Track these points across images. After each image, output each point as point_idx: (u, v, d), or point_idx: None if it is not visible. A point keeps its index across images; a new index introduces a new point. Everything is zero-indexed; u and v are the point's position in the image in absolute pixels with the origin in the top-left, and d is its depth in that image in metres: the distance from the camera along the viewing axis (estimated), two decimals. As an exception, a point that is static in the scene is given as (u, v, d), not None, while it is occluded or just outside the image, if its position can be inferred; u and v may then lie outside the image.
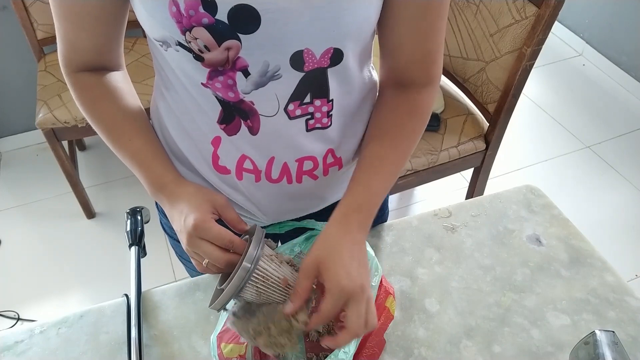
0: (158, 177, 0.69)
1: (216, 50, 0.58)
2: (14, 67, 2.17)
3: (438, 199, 2.17)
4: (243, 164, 0.71)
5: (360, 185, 0.67)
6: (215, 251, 0.61)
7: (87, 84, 0.71)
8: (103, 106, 0.71)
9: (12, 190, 2.26)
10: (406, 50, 0.68)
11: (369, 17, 0.61)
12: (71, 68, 0.70)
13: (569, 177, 2.27)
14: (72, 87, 0.72)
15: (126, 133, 0.71)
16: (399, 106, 0.71)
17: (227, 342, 0.68)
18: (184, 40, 0.57)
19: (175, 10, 0.55)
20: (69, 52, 0.69)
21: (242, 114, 0.66)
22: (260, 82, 0.62)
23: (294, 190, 0.75)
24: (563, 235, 0.90)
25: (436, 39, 0.67)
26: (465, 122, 1.70)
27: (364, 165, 0.69)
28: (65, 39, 0.67)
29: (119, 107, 0.71)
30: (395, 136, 0.70)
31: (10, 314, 1.82)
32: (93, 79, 0.71)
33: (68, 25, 0.65)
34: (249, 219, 0.81)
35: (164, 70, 0.68)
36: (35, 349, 0.75)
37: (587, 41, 2.87)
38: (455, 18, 1.65)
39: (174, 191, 0.67)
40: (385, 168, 0.68)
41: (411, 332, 0.76)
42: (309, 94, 0.66)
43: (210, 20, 0.55)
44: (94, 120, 0.72)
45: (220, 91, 0.63)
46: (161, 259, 1.95)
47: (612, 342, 0.65)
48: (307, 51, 0.60)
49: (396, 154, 0.70)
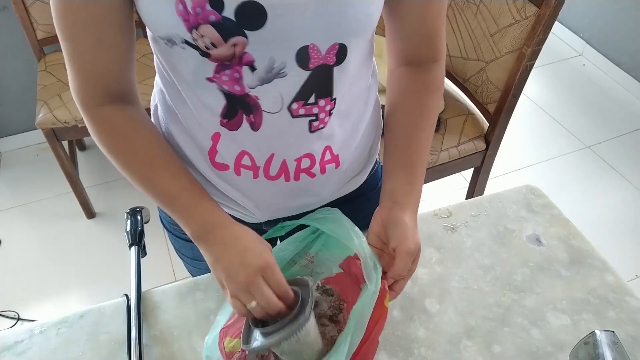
0: (206, 221, 0.67)
1: (222, 47, 0.58)
2: (14, 67, 2.17)
3: (438, 199, 2.17)
4: (242, 160, 0.71)
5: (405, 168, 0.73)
6: (274, 297, 0.62)
7: (114, 121, 0.67)
8: (135, 147, 0.68)
9: (12, 190, 2.26)
10: (416, 34, 0.73)
11: (373, 12, 0.62)
12: (93, 100, 0.66)
13: (569, 177, 2.27)
14: (95, 124, 0.67)
15: (163, 175, 0.68)
16: (417, 87, 0.76)
17: (232, 336, 0.68)
18: (190, 38, 0.57)
19: (181, 8, 0.55)
20: (86, 78, 0.65)
21: (246, 107, 0.66)
22: (266, 78, 0.62)
23: (291, 187, 0.75)
24: (563, 235, 0.90)
25: (442, 17, 0.73)
26: (465, 122, 1.70)
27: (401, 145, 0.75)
28: (81, 60, 0.63)
29: (153, 148, 0.69)
30: (422, 114, 0.76)
31: (10, 314, 1.82)
32: (122, 115, 0.68)
33: (85, 38, 0.61)
34: (245, 216, 0.81)
35: (166, 67, 0.67)
36: (35, 349, 0.75)
37: (587, 41, 2.87)
38: (455, 18, 1.65)
39: (230, 230, 0.67)
40: (421, 145, 0.75)
41: (411, 332, 0.76)
42: (314, 95, 0.66)
43: (217, 18, 0.55)
44: (124, 162, 0.68)
45: (226, 84, 0.63)
46: (161, 259, 1.95)
47: (612, 342, 0.65)
48: (313, 47, 0.60)
49: (427, 130, 0.76)
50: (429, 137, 0.76)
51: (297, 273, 0.78)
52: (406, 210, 0.70)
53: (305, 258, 0.79)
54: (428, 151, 0.76)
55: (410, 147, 0.75)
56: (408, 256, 0.67)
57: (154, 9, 0.57)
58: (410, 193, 0.72)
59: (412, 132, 0.75)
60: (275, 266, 0.64)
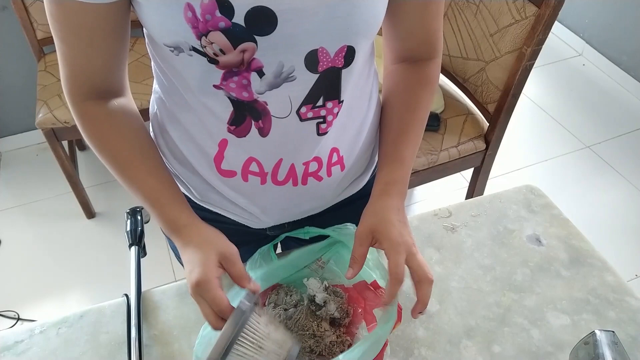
0: (172, 220, 0.67)
1: (231, 54, 0.57)
2: (14, 67, 2.17)
3: (438, 199, 2.17)
4: (249, 167, 0.71)
5: (392, 159, 0.73)
6: (210, 315, 0.60)
7: (95, 116, 0.68)
8: (113, 141, 0.68)
9: (12, 190, 2.26)
10: (415, 35, 0.74)
11: (379, 12, 0.62)
12: (79, 96, 0.67)
13: (569, 177, 2.27)
14: (79, 118, 0.68)
15: (139, 171, 0.69)
16: (411, 81, 0.77)
17: None
18: (199, 45, 0.57)
19: (190, 15, 0.54)
20: (76, 75, 0.65)
21: (254, 114, 0.65)
22: (275, 83, 0.62)
23: (299, 192, 0.75)
24: (563, 235, 0.90)
25: (439, 17, 0.73)
26: (465, 122, 1.70)
27: (391, 139, 0.75)
28: (72, 61, 0.64)
29: (130, 143, 0.69)
30: (413, 109, 0.76)
31: (10, 314, 1.82)
32: (103, 112, 0.68)
33: (77, 41, 0.61)
34: (250, 221, 0.81)
35: (168, 74, 0.66)
36: (35, 349, 0.75)
37: (587, 41, 2.87)
38: (455, 18, 1.65)
39: (186, 235, 0.66)
40: (410, 139, 0.74)
41: (411, 332, 0.76)
42: (322, 97, 0.66)
43: (227, 24, 0.55)
44: (104, 156, 0.69)
45: (234, 91, 0.63)
46: (161, 259, 1.95)
47: (612, 342, 0.65)
48: (322, 50, 0.60)
49: (416, 125, 0.76)
50: (418, 132, 0.76)
51: (306, 275, 0.78)
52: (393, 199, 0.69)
53: (316, 262, 0.79)
54: (418, 145, 0.76)
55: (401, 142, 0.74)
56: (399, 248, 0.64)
57: (160, 18, 0.56)
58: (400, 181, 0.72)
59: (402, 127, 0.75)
60: (209, 282, 0.60)
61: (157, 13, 0.56)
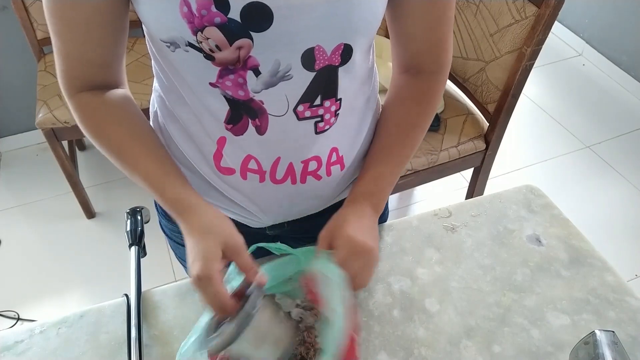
0: (176, 200, 0.66)
1: (227, 50, 0.57)
2: (14, 67, 2.17)
3: (438, 199, 2.17)
4: (248, 165, 0.71)
5: (370, 174, 0.73)
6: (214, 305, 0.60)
7: (91, 106, 0.68)
8: (110, 130, 0.68)
9: (12, 190, 2.26)
10: (417, 40, 0.71)
11: (378, 10, 0.62)
12: (75, 89, 0.67)
13: (568, 177, 2.27)
14: (76, 110, 0.68)
15: (136, 156, 0.68)
16: (408, 96, 0.75)
17: None
18: (194, 41, 0.57)
19: (186, 10, 0.54)
20: (71, 68, 0.65)
21: (250, 112, 0.65)
22: (271, 82, 0.62)
23: (297, 190, 0.75)
24: (563, 235, 0.90)
25: (445, 27, 0.70)
26: (465, 122, 1.70)
27: (375, 152, 0.75)
28: (68, 54, 0.64)
29: (127, 127, 0.69)
30: (404, 127, 0.75)
31: (10, 314, 1.82)
32: (97, 100, 0.67)
33: (72, 36, 0.61)
34: (249, 220, 0.81)
35: (167, 72, 0.67)
36: (35, 349, 0.75)
37: (587, 41, 2.87)
38: (455, 18, 1.64)
39: (190, 219, 0.65)
40: (393, 158, 0.74)
41: (411, 332, 0.76)
42: (319, 96, 0.65)
43: (222, 19, 0.55)
44: (102, 145, 0.69)
45: (230, 89, 0.63)
46: (161, 259, 1.95)
47: (612, 342, 0.65)
48: (319, 48, 0.60)
49: (403, 144, 0.75)
50: (404, 152, 0.75)
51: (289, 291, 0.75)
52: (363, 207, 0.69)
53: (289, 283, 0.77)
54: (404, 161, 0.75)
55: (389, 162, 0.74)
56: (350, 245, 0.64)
57: (156, 12, 0.57)
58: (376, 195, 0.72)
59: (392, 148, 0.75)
60: (210, 278, 0.59)
61: (153, 8, 0.56)
